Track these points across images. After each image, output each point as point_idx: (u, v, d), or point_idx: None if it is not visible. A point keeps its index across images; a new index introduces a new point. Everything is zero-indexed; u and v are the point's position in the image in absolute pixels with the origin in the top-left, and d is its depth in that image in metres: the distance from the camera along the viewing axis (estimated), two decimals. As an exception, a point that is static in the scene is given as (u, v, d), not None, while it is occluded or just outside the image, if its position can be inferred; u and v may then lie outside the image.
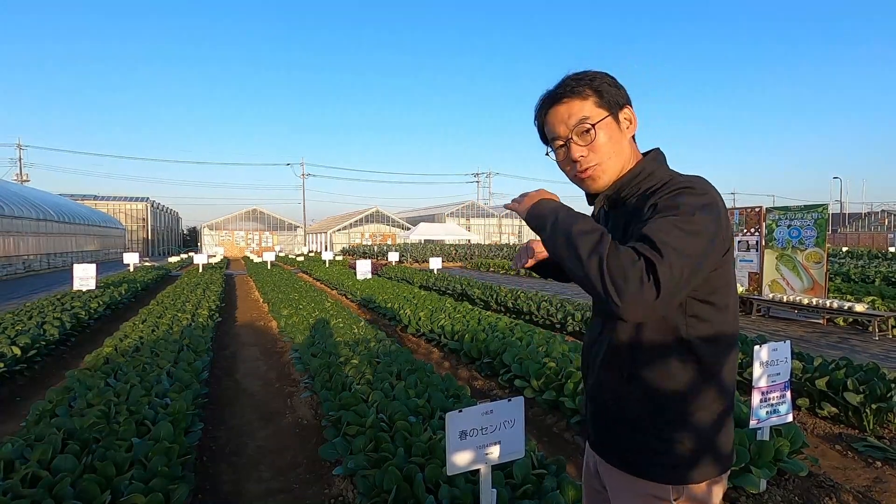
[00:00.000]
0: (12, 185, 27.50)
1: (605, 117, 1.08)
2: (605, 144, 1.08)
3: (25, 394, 4.64)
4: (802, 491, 2.69)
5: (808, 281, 7.95)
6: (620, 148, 1.10)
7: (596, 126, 1.07)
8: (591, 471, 1.28)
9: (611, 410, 1.11)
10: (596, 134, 1.07)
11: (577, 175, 1.12)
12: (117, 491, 2.18)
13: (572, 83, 1.08)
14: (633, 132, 1.13)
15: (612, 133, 1.09)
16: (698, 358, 1.02)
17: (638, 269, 0.84)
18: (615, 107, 1.09)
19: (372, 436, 2.76)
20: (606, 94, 1.08)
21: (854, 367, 3.97)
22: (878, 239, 34.67)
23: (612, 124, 1.09)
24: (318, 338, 5.47)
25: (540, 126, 1.16)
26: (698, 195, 0.96)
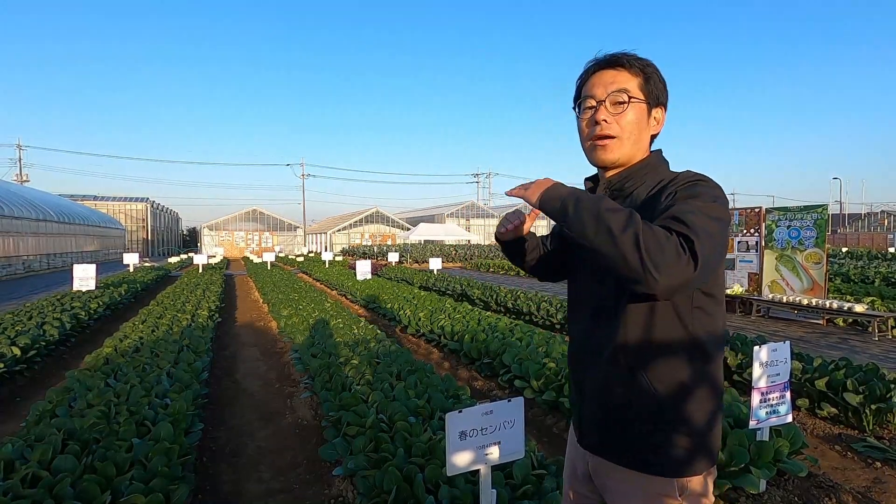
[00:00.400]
0: (12, 185, 27.50)
1: (641, 100, 1.10)
2: (630, 123, 1.10)
3: (25, 394, 4.64)
4: (802, 491, 2.69)
5: (808, 281, 7.96)
6: (640, 136, 1.12)
7: (630, 102, 1.09)
8: (578, 475, 1.24)
9: (619, 408, 1.09)
10: (627, 109, 1.09)
11: (593, 138, 1.12)
12: (117, 491, 2.18)
13: (631, 57, 1.11)
14: (656, 133, 1.16)
15: (640, 118, 1.11)
16: (703, 351, 1.05)
17: (673, 243, 0.87)
18: (654, 100, 1.12)
19: (372, 436, 2.76)
20: (653, 85, 1.11)
21: (853, 367, 3.98)
22: (878, 239, 34.68)
23: (643, 111, 1.11)
24: (318, 338, 5.47)
25: (580, 85, 1.16)
26: (713, 186, 1.00)
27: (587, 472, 1.20)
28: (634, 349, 1.06)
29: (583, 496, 1.24)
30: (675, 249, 0.86)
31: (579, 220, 0.94)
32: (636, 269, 0.86)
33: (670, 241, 0.87)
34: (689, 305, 1.04)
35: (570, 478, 1.29)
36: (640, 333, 1.05)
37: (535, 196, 1.04)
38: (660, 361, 1.04)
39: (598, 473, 1.16)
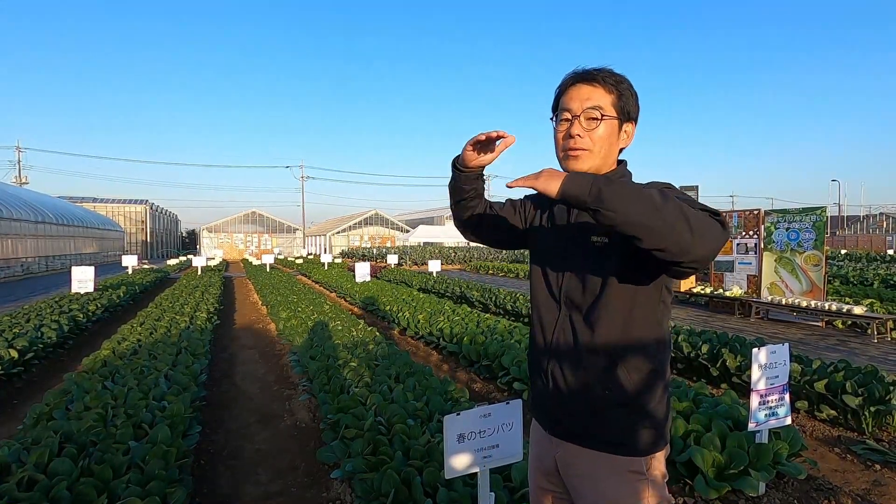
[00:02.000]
0: (11, 187, 27.48)
1: (613, 117, 1.16)
2: (602, 139, 1.15)
3: (22, 397, 4.63)
4: (801, 494, 2.69)
5: (807, 283, 7.96)
6: (610, 150, 1.18)
7: (603, 119, 1.14)
8: (544, 468, 1.27)
9: (597, 396, 1.14)
10: (599, 125, 1.15)
11: (566, 150, 1.17)
12: (114, 494, 2.17)
13: (607, 74, 1.16)
14: (625, 146, 1.22)
15: (611, 134, 1.16)
16: (664, 343, 1.17)
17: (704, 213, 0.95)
18: (625, 116, 1.17)
19: (370, 439, 2.75)
20: (625, 102, 1.16)
21: (852, 369, 3.97)
22: (877, 241, 34.72)
23: (614, 127, 1.17)
24: (317, 340, 5.46)
25: (558, 95, 1.21)
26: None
27: (554, 465, 1.24)
28: (614, 340, 1.13)
29: (548, 490, 1.28)
30: (709, 218, 0.93)
31: (620, 200, 0.92)
32: (686, 240, 0.90)
33: (703, 212, 0.94)
34: (659, 299, 1.14)
35: (536, 472, 1.32)
36: (620, 326, 1.12)
37: (556, 184, 0.97)
38: (635, 352, 1.12)
39: (567, 462, 1.20)
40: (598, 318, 1.13)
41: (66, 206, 29.65)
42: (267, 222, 42.20)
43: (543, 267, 1.27)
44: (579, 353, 1.16)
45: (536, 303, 1.28)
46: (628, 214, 0.91)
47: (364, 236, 41.37)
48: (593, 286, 1.14)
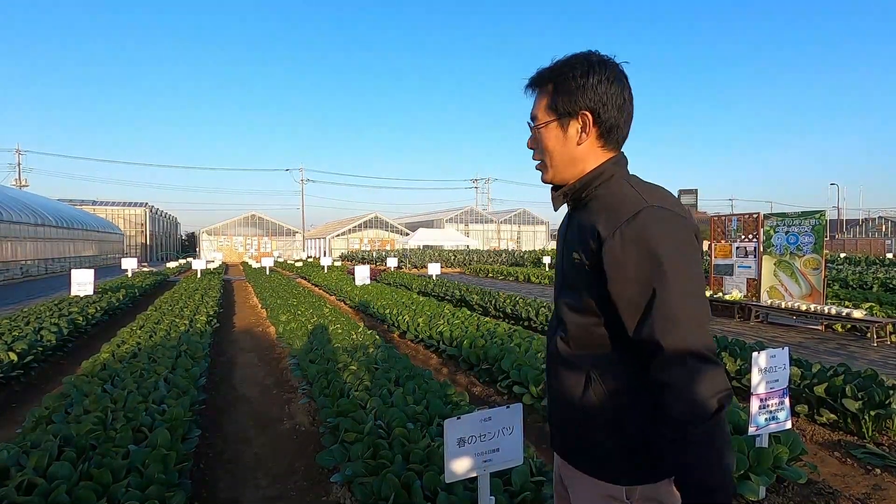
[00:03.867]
0: (11, 190, 27.50)
1: (549, 122, 1.06)
2: (549, 149, 1.07)
3: (22, 400, 4.62)
4: (802, 498, 2.68)
5: (807, 287, 7.97)
6: (567, 156, 1.06)
7: (539, 128, 1.07)
8: (557, 478, 1.26)
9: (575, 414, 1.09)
10: (540, 136, 1.08)
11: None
12: (114, 498, 2.17)
13: (543, 72, 1.07)
14: (589, 140, 1.05)
15: (557, 140, 1.06)
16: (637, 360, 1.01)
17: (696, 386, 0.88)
18: (564, 115, 1.04)
19: (370, 443, 2.75)
20: (560, 98, 1.03)
21: (852, 373, 3.97)
22: (876, 245, 34.78)
23: (555, 130, 1.06)
24: (317, 344, 5.45)
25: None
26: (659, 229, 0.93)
27: (560, 475, 1.23)
28: (589, 357, 1.06)
29: (561, 497, 1.27)
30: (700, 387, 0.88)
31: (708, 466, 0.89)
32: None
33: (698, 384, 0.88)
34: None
35: (555, 480, 1.31)
36: (595, 343, 1.05)
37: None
38: (613, 371, 1.03)
39: (564, 475, 1.19)
40: (579, 334, 1.07)
41: (66, 208, 29.66)
42: (266, 225, 42.22)
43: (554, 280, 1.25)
44: (559, 367, 1.12)
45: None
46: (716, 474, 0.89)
47: (364, 239, 41.39)
48: (577, 301, 1.07)
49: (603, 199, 1.03)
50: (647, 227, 0.93)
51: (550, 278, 16.54)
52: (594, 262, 0.99)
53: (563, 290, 1.13)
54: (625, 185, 1.02)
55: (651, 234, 0.93)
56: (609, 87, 1.02)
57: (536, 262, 24.43)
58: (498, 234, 48.09)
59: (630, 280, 0.93)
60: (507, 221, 49.01)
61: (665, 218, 0.95)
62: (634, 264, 0.93)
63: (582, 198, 1.07)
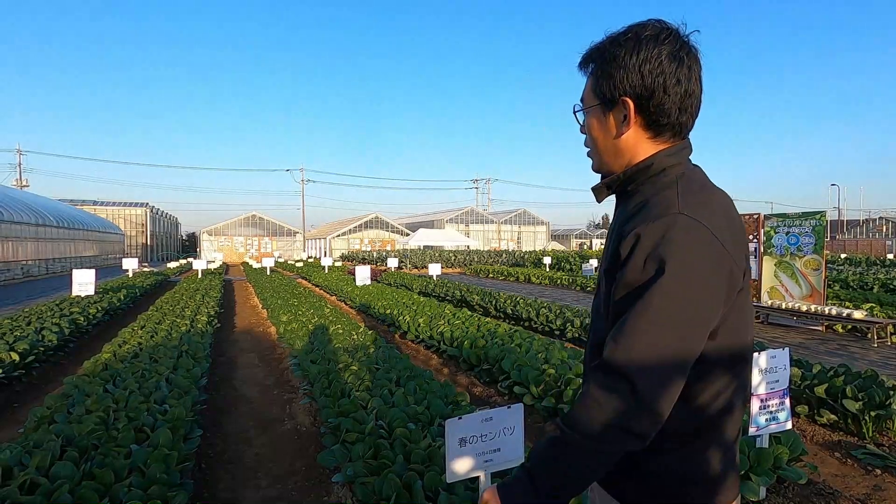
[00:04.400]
0: (11, 190, 27.52)
1: (592, 106, 0.96)
2: (592, 136, 0.98)
3: (23, 400, 4.63)
4: (802, 498, 2.69)
5: (807, 288, 7.97)
6: (610, 146, 0.95)
7: (584, 112, 0.98)
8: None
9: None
10: (584, 121, 0.99)
11: None
12: (116, 498, 2.18)
13: (587, 54, 0.96)
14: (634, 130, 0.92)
15: (599, 126, 0.96)
16: (696, 375, 0.89)
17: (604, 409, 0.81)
18: (608, 102, 0.92)
19: (371, 443, 2.75)
20: (602, 82, 0.92)
21: (853, 374, 3.98)
22: (876, 246, 34.76)
23: (598, 117, 0.95)
24: (317, 344, 5.46)
25: None
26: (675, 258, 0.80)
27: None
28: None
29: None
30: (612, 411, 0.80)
31: (564, 475, 0.85)
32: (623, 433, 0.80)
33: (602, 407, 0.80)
34: None
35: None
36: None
37: None
38: None
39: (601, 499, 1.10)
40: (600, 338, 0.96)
41: (67, 209, 29.68)
42: (267, 225, 42.24)
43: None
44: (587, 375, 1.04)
45: None
46: (587, 472, 0.85)
47: (364, 240, 41.40)
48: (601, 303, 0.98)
49: (643, 196, 0.91)
50: (662, 235, 0.81)
51: (551, 279, 16.54)
52: (611, 261, 0.91)
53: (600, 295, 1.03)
54: (670, 184, 0.89)
55: (669, 241, 0.80)
56: (660, 66, 0.87)
57: (537, 262, 24.44)
58: (498, 234, 48.10)
59: (624, 285, 0.85)
60: (508, 222, 49.02)
61: (690, 229, 0.81)
62: (635, 269, 0.83)
63: (626, 191, 0.96)
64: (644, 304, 0.80)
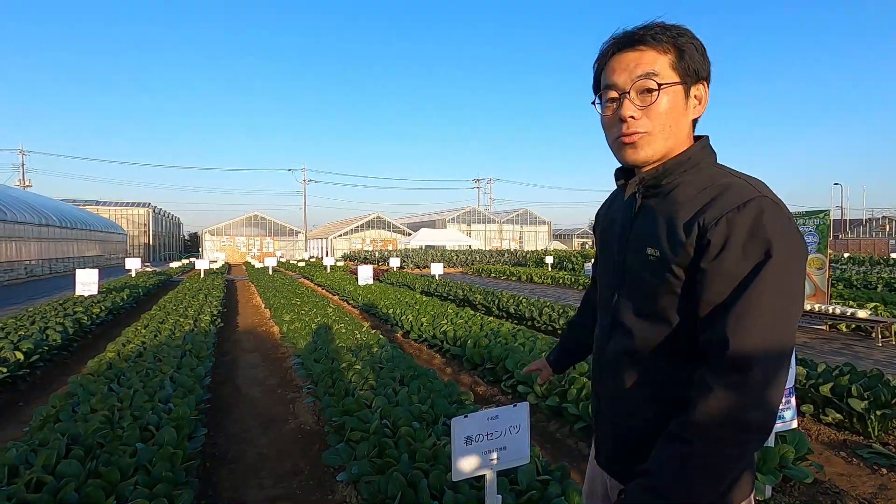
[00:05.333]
0: (15, 190, 27.60)
1: (675, 83, 0.91)
2: (664, 114, 0.91)
3: (28, 399, 4.64)
4: (808, 498, 2.68)
5: (810, 287, 7.95)
6: (678, 126, 0.93)
7: (661, 89, 0.90)
8: (598, 494, 1.15)
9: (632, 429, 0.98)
10: (658, 98, 0.90)
11: (619, 138, 0.94)
12: (122, 496, 2.18)
13: (657, 30, 0.91)
14: (699, 115, 0.96)
15: (676, 105, 0.92)
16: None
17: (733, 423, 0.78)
18: (692, 77, 0.92)
19: (376, 442, 2.75)
20: (688, 59, 0.91)
21: (858, 373, 3.96)
22: (880, 245, 34.63)
23: (679, 94, 0.92)
24: (320, 343, 5.47)
25: (598, 70, 0.98)
26: (782, 238, 0.80)
27: (606, 492, 1.11)
28: (655, 376, 0.94)
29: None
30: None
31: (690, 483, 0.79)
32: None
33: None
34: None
35: (589, 496, 1.20)
36: (664, 360, 0.93)
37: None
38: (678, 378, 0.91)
39: (614, 494, 1.07)
40: (647, 344, 0.94)
41: (69, 209, 29.75)
42: (269, 225, 42.28)
43: (601, 277, 1.13)
44: (613, 378, 1.01)
45: (598, 316, 1.13)
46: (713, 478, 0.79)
47: (366, 239, 41.41)
48: (649, 304, 0.94)
49: (695, 185, 0.90)
50: (762, 218, 0.81)
51: (553, 278, 16.52)
52: (682, 256, 0.86)
53: (628, 291, 0.99)
54: (723, 173, 0.91)
55: (766, 226, 0.80)
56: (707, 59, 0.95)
57: (539, 262, 24.42)
58: (500, 234, 48.06)
59: (724, 273, 0.82)
60: (510, 221, 48.98)
61: (782, 214, 0.83)
62: (736, 257, 0.81)
63: (661, 184, 0.94)
64: (764, 290, 0.79)
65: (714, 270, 0.83)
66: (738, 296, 0.80)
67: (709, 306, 0.84)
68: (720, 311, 0.81)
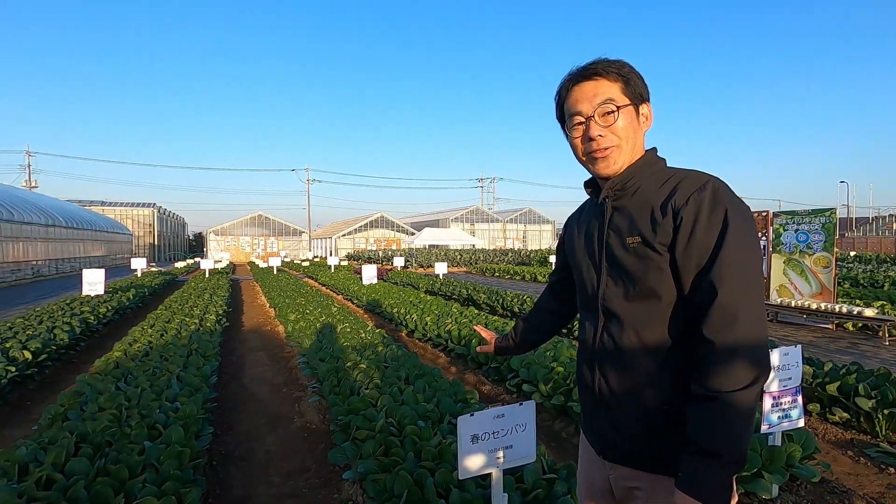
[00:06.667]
0: (21, 191, 27.80)
1: (627, 105, 1.08)
2: (624, 130, 1.09)
3: (36, 398, 4.68)
4: (815, 497, 2.67)
5: (817, 286, 7.90)
6: (636, 139, 1.11)
7: (619, 110, 1.08)
8: (596, 490, 1.19)
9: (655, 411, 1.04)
10: (618, 117, 1.08)
11: (591, 153, 1.10)
12: (131, 494, 2.20)
13: (605, 64, 1.09)
14: (648, 128, 1.14)
15: (631, 122, 1.10)
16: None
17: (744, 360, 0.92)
18: (638, 98, 1.10)
19: (381, 440, 2.76)
20: (633, 84, 1.09)
21: (865, 372, 3.94)
22: (887, 243, 34.38)
23: (631, 113, 1.10)
24: (326, 343, 5.48)
25: (560, 101, 1.15)
26: (731, 204, 0.99)
27: (607, 486, 1.15)
28: (664, 347, 1.03)
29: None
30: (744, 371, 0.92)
31: (732, 430, 0.92)
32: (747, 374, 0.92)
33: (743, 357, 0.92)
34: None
35: (587, 493, 1.23)
36: (661, 335, 1.03)
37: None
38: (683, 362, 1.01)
39: (624, 485, 1.11)
40: (642, 323, 1.04)
41: (76, 209, 29.94)
42: (273, 225, 42.41)
43: (580, 276, 1.20)
44: (627, 364, 1.07)
45: (581, 316, 1.23)
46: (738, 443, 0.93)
47: (370, 239, 41.47)
48: (640, 285, 1.04)
49: (655, 182, 1.08)
50: (718, 193, 0.99)
51: (557, 277, 16.46)
52: (661, 234, 1.01)
53: (614, 281, 1.09)
54: (676, 170, 1.09)
55: (722, 198, 0.99)
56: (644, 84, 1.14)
57: (543, 261, 24.39)
58: (504, 233, 48.01)
59: (699, 243, 0.98)
60: (513, 221, 48.94)
61: (730, 190, 1.02)
62: (705, 227, 0.98)
63: (626, 187, 1.10)
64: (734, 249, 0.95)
65: (692, 242, 0.98)
66: (715, 258, 0.96)
67: (695, 271, 0.99)
68: (704, 273, 0.97)
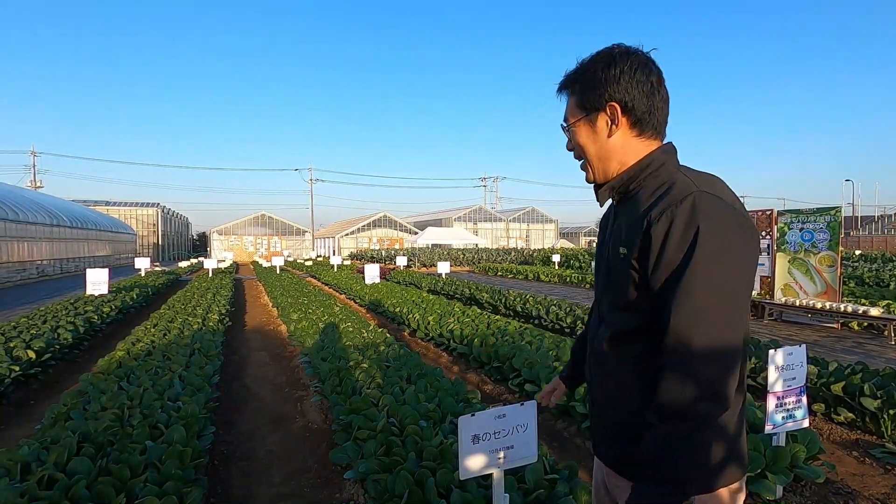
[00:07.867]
0: (26, 191, 27.95)
1: (578, 119, 1.06)
2: (585, 146, 1.07)
3: (39, 397, 4.69)
4: (819, 498, 2.65)
5: (822, 285, 7.86)
6: (603, 150, 1.05)
7: (571, 127, 1.07)
8: (599, 485, 1.21)
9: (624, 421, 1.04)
10: (574, 135, 1.08)
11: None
12: (132, 493, 2.20)
13: (567, 77, 1.08)
14: (627, 129, 1.04)
15: (588, 135, 1.06)
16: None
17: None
18: (591, 110, 1.04)
19: (383, 440, 2.76)
20: (586, 95, 1.04)
21: (870, 371, 3.91)
22: (892, 242, 34.18)
23: (586, 127, 1.06)
24: (328, 342, 5.48)
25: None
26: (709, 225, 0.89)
27: (605, 484, 1.18)
28: (636, 359, 1.02)
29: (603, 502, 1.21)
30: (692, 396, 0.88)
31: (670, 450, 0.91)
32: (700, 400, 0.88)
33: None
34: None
35: (595, 488, 1.26)
36: (639, 345, 1.01)
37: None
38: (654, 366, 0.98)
39: (611, 485, 1.14)
40: (622, 332, 1.04)
41: (80, 209, 30.06)
42: (276, 225, 42.50)
43: (595, 278, 1.21)
44: (603, 370, 1.08)
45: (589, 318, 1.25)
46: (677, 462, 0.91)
47: (372, 238, 41.50)
48: (622, 297, 1.03)
49: (652, 187, 1.00)
50: (695, 211, 0.90)
51: (560, 277, 16.47)
52: (634, 250, 0.97)
53: (607, 287, 1.09)
54: (676, 174, 1.00)
55: (698, 217, 0.89)
56: (634, 75, 1.00)
57: (546, 260, 24.35)
58: (507, 232, 47.97)
59: (665, 263, 0.91)
60: (516, 220, 48.89)
61: (714, 204, 0.92)
62: (675, 245, 0.90)
63: (629, 190, 1.05)
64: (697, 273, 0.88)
65: (658, 261, 0.92)
66: (677, 281, 0.89)
67: (659, 294, 0.94)
68: (665, 296, 0.91)
